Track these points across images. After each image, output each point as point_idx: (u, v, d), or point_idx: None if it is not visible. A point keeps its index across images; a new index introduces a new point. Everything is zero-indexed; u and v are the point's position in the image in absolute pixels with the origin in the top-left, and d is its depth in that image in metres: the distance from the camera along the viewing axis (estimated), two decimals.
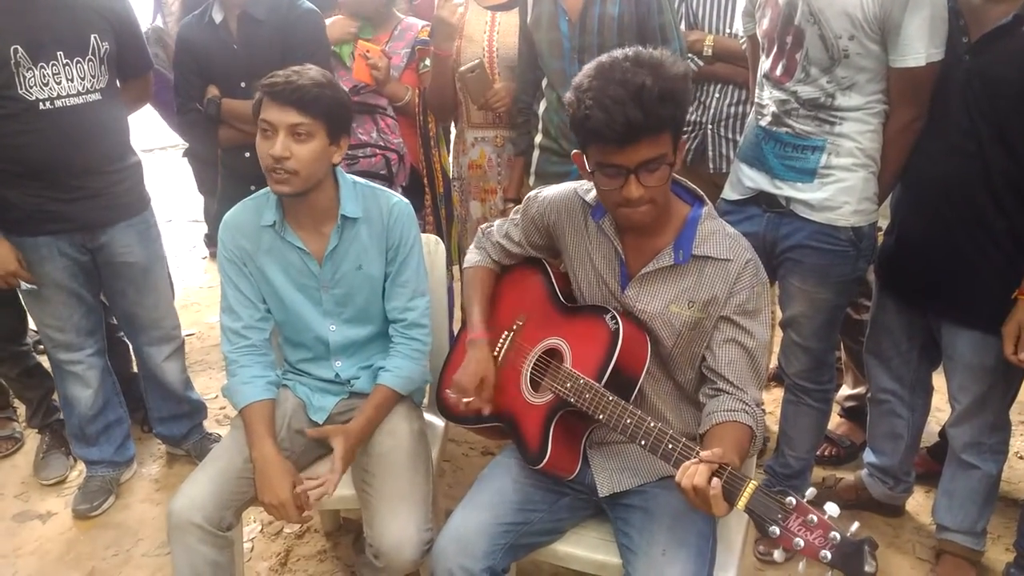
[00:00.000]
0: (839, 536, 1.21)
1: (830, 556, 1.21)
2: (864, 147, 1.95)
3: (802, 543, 1.23)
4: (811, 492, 1.30)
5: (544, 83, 2.38)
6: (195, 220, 4.99)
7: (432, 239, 2.19)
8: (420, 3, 3.00)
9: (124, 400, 2.69)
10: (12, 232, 2.27)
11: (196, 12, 2.50)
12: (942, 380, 2.13)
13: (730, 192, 2.18)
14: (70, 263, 2.36)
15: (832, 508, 1.24)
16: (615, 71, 1.44)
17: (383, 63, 2.52)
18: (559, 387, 1.62)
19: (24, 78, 2.12)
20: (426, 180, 2.76)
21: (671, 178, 1.55)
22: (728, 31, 2.50)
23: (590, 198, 1.69)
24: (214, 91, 2.47)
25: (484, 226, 1.98)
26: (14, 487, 2.72)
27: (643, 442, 1.48)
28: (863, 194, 1.97)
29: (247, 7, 2.39)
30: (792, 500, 1.25)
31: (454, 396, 1.77)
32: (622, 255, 1.66)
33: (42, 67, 2.14)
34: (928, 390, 2.28)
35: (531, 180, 2.46)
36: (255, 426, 1.82)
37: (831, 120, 1.95)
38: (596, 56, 1.53)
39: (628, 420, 1.50)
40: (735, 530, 1.78)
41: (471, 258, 1.95)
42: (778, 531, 1.25)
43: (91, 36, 2.21)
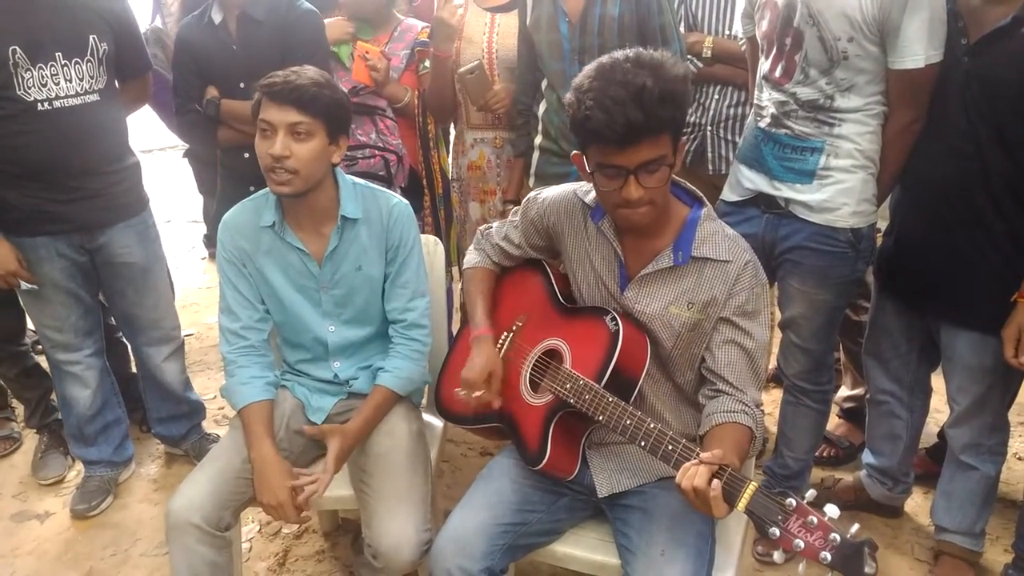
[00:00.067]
0: (839, 538, 1.21)
1: (830, 558, 1.21)
2: (863, 148, 1.95)
3: (802, 544, 1.23)
4: (811, 494, 1.30)
5: (544, 84, 2.38)
6: (194, 221, 4.99)
7: (431, 240, 2.18)
8: (420, 4, 3.00)
9: (122, 400, 2.69)
10: (11, 233, 2.27)
11: (195, 13, 2.49)
12: (941, 381, 2.13)
13: (729, 193, 2.18)
14: (68, 264, 2.35)
15: (832, 510, 1.24)
16: (616, 72, 1.44)
17: (382, 64, 2.52)
18: (559, 388, 1.62)
19: (23, 79, 2.12)
20: (425, 181, 2.76)
21: (670, 179, 1.55)
22: (727, 33, 2.50)
23: (589, 199, 1.69)
24: (213, 92, 2.46)
25: (483, 227, 1.97)
26: (12, 487, 2.72)
27: (643, 443, 1.48)
28: (862, 195, 1.97)
29: (246, 8, 2.39)
30: (792, 502, 1.26)
31: (463, 393, 1.75)
32: (621, 256, 1.66)
33: (40, 68, 2.14)
34: (927, 391, 2.28)
35: (531, 181, 2.46)
36: (254, 427, 1.82)
37: (830, 122, 1.95)
38: (596, 57, 1.53)
39: (628, 421, 1.50)
40: (734, 531, 1.78)
41: (471, 258, 1.95)
42: (778, 532, 1.25)
43: (90, 37, 2.21)
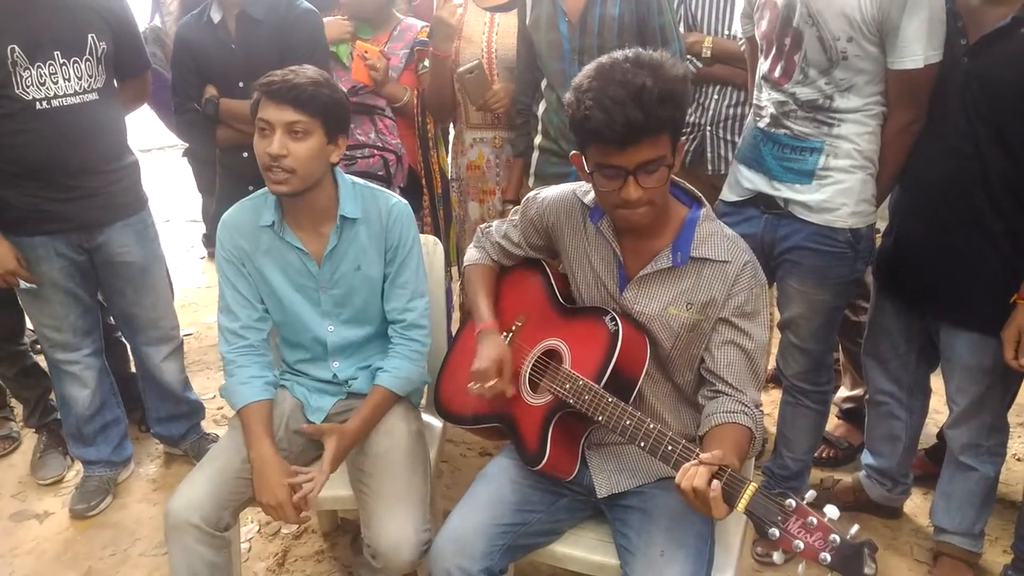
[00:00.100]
0: (839, 539, 1.21)
1: (830, 558, 1.21)
2: (862, 149, 1.95)
3: (802, 545, 1.23)
4: (811, 495, 1.29)
5: (543, 84, 2.38)
6: (193, 220, 4.99)
7: (431, 240, 2.18)
8: (419, 4, 3.00)
9: (121, 400, 2.68)
10: (10, 232, 2.26)
11: (194, 12, 2.49)
12: (940, 382, 2.13)
13: (728, 193, 2.18)
14: (67, 263, 2.35)
15: (832, 511, 1.24)
16: (615, 72, 1.44)
17: (381, 64, 2.52)
18: (558, 388, 1.62)
19: (21, 78, 2.12)
20: (424, 181, 2.76)
21: (669, 180, 1.55)
22: (727, 33, 2.50)
23: (589, 200, 1.69)
24: (212, 91, 2.46)
25: (483, 226, 1.97)
26: (11, 487, 2.72)
27: (642, 443, 1.48)
28: (861, 196, 1.97)
29: (245, 7, 2.39)
30: (792, 502, 1.25)
31: (477, 387, 1.70)
32: (620, 257, 1.65)
33: (39, 67, 2.13)
34: (926, 392, 2.28)
35: (531, 181, 2.46)
36: (253, 426, 1.82)
37: (829, 122, 1.94)
38: (596, 57, 1.53)
39: (627, 422, 1.50)
40: (733, 531, 1.78)
41: (471, 256, 1.95)
42: (778, 533, 1.25)
43: (89, 36, 2.20)
